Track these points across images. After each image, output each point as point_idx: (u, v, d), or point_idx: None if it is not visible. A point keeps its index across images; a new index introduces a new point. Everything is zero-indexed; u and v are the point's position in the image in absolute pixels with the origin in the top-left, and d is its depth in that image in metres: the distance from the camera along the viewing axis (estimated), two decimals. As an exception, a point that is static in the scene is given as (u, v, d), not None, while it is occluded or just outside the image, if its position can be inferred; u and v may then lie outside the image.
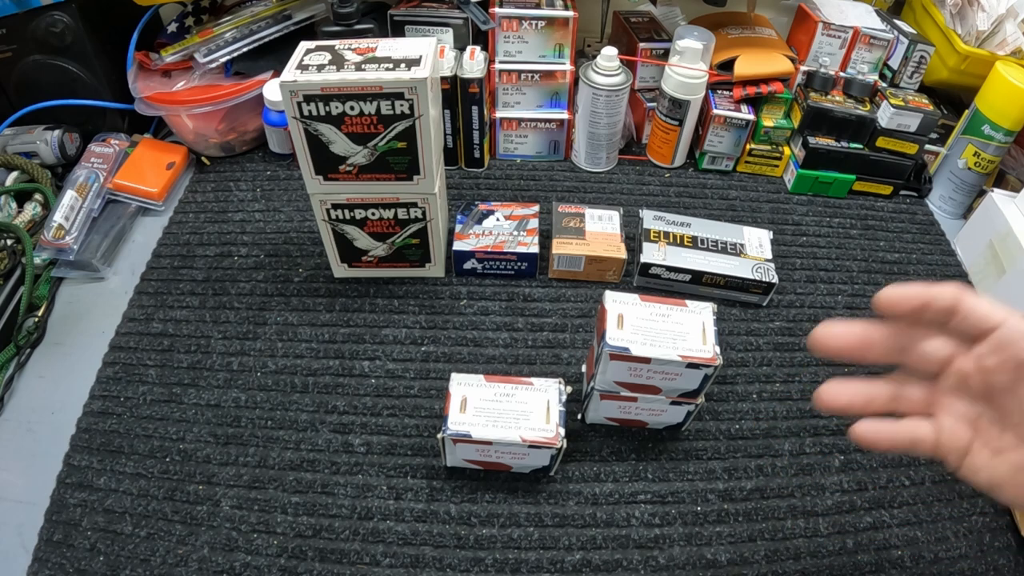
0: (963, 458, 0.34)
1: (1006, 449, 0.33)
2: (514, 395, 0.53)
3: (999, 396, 0.33)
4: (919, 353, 0.34)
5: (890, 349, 0.35)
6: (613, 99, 0.76)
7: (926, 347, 0.34)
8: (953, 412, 0.34)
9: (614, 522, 0.54)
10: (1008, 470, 0.33)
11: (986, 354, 0.32)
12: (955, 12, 0.79)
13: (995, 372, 0.32)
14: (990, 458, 0.33)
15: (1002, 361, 0.32)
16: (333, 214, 0.63)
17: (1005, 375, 0.32)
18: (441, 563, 0.51)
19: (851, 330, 0.35)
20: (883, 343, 0.35)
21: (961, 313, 0.32)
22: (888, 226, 0.80)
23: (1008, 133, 0.75)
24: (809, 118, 0.79)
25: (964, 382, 0.34)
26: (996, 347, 0.32)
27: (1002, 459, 0.33)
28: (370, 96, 0.54)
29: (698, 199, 0.82)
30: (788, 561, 0.52)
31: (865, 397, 0.35)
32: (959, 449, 0.34)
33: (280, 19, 0.79)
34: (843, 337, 0.35)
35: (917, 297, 0.33)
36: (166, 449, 0.57)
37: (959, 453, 0.34)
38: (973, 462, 0.34)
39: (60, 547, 0.51)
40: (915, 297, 0.33)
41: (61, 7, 0.72)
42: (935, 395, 0.35)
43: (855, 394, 0.35)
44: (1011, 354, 0.32)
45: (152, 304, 0.68)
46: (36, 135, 0.77)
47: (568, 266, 0.70)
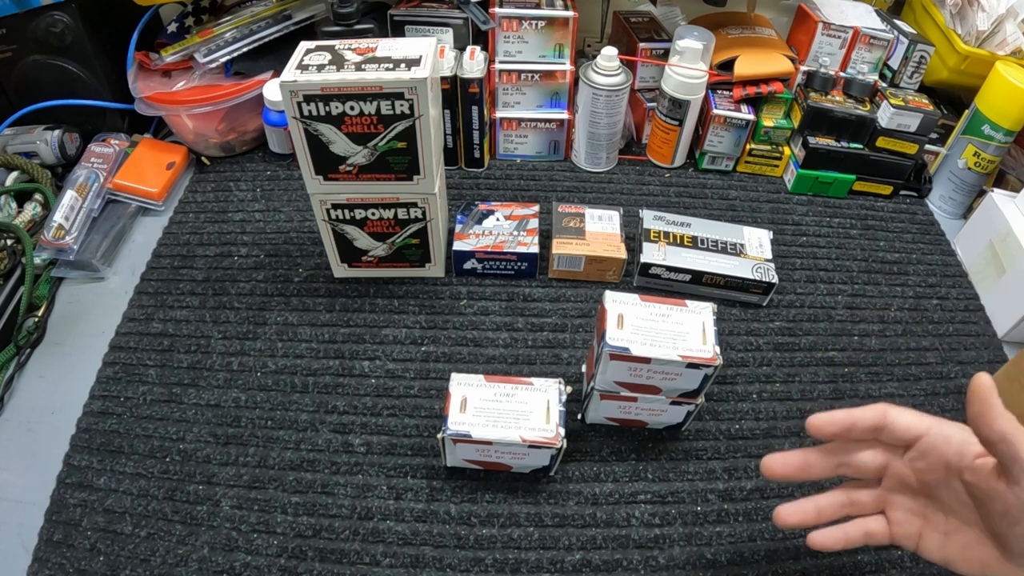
0: (917, 542, 0.39)
1: (952, 531, 0.38)
2: (514, 395, 0.53)
3: (936, 490, 0.38)
4: (856, 465, 0.40)
5: (830, 466, 0.40)
6: (613, 99, 0.76)
7: (862, 459, 0.39)
8: (901, 507, 0.39)
9: (614, 522, 0.54)
10: (958, 549, 0.37)
11: (916, 458, 0.38)
12: (955, 12, 0.79)
13: (927, 473, 0.37)
14: (941, 540, 0.38)
15: (930, 464, 0.37)
16: (333, 214, 0.63)
17: (936, 475, 0.37)
18: (441, 563, 0.51)
19: (791, 459, 0.40)
20: (822, 463, 0.40)
21: (887, 428, 0.37)
22: (888, 226, 0.80)
23: (1008, 133, 0.75)
24: (809, 118, 0.79)
25: (903, 483, 0.39)
26: (923, 453, 0.37)
27: (950, 540, 0.38)
28: (370, 96, 0.54)
29: (698, 199, 0.82)
30: (788, 561, 0.52)
31: (815, 511, 0.41)
32: (911, 536, 0.39)
33: (280, 19, 0.79)
34: (785, 465, 0.41)
35: (842, 420, 0.38)
36: (166, 449, 0.57)
37: (912, 539, 0.39)
38: (927, 545, 0.38)
39: (60, 547, 0.51)
40: (840, 420, 0.38)
41: (61, 7, 0.72)
42: (882, 496, 0.40)
43: (805, 511, 0.41)
44: (937, 457, 0.36)
45: (152, 304, 0.68)
46: (36, 135, 0.77)
47: (568, 266, 0.70)
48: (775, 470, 0.41)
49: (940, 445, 0.36)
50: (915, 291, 0.73)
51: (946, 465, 0.36)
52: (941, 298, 0.73)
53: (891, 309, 0.71)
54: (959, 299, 0.73)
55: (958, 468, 0.35)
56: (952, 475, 0.36)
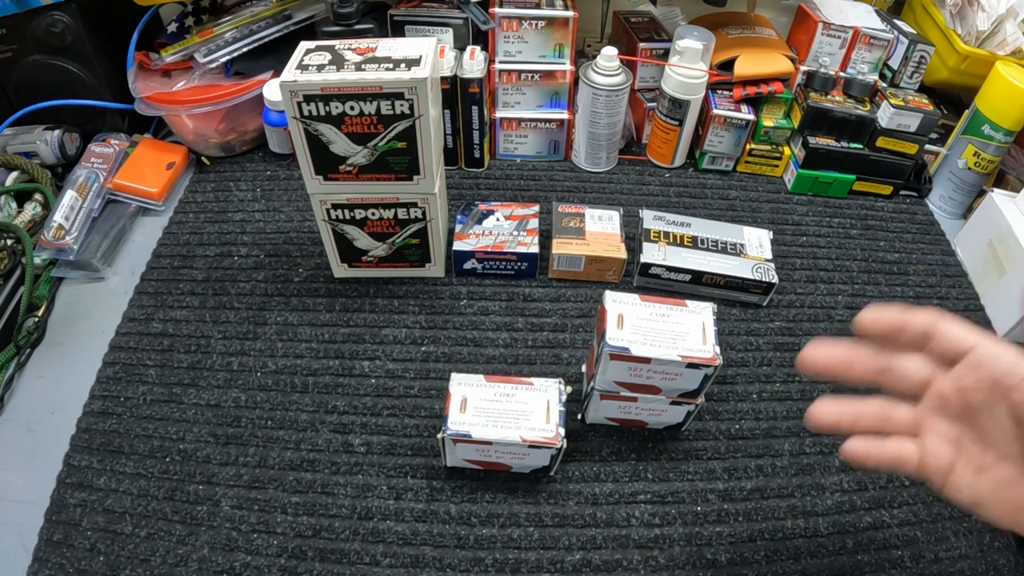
0: (946, 477, 0.36)
1: (987, 467, 0.35)
2: (514, 395, 0.53)
3: (977, 416, 0.35)
4: (899, 373, 0.37)
5: (872, 368, 0.37)
6: (613, 99, 0.76)
7: (906, 367, 0.37)
8: (936, 432, 0.36)
9: (614, 522, 0.54)
10: (990, 488, 0.34)
11: (962, 375, 0.35)
12: (955, 12, 0.79)
13: (972, 392, 0.34)
14: (972, 476, 0.35)
15: (978, 380, 0.34)
16: (333, 214, 0.63)
17: (981, 394, 0.34)
18: (441, 563, 0.51)
19: (835, 350, 0.37)
20: (865, 363, 0.37)
21: (937, 336, 0.35)
22: (888, 226, 0.80)
23: (1008, 133, 0.75)
24: (809, 118, 0.79)
25: (944, 403, 0.36)
26: (971, 367, 0.34)
27: (984, 477, 0.34)
28: (370, 96, 0.54)
29: (698, 199, 0.82)
30: (788, 561, 0.52)
31: (853, 415, 0.38)
32: (942, 468, 0.36)
33: (280, 19, 0.79)
34: (828, 356, 0.37)
35: (893, 320, 0.36)
36: (166, 449, 0.57)
37: (942, 472, 0.36)
38: (956, 481, 0.35)
39: (60, 547, 0.51)
40: (892, 320, 0.36)
41: (61, 7, 0.72)
42: (918, 417, 0.37)
43: (843, 412, 0.38)
44: (986, 373, 0.34)
45: (152, 304, 0.68)
46: (36, 135, 0.77)
47: (568, 266, 0.70)
48: (817, 360, 0.37)
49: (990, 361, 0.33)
50: (915, 291, 0.73)
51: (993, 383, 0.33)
52: (941, 298, 0.73)
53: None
54: (959, 299, 0.73)
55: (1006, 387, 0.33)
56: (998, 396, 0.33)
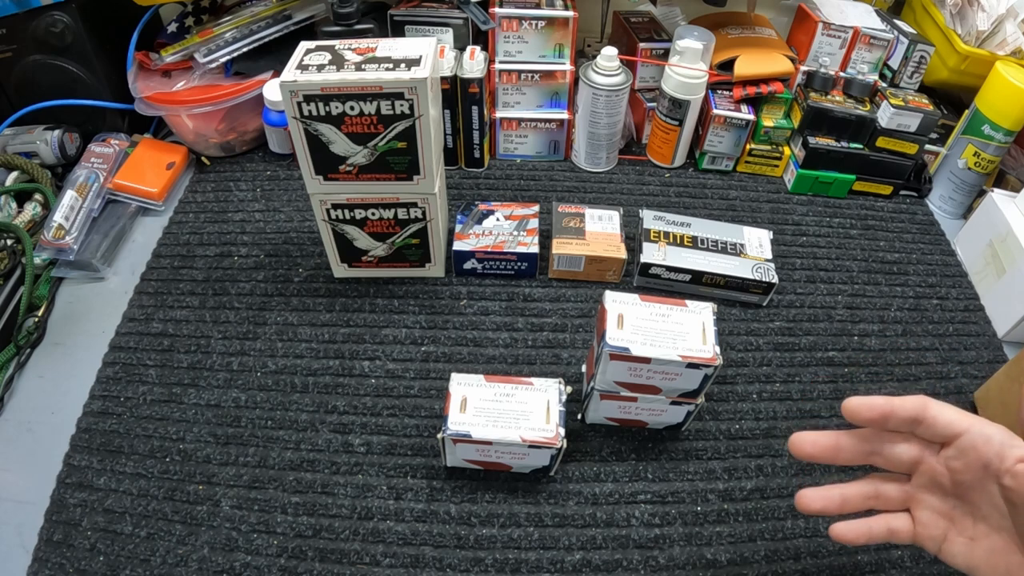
0: (941, 545, 0.37)
1: (980, 537, 0.36)
2: (514, 395, 0.53)
3: (969, 493, 0.36)
4: (888, 456, 0.38)
5: (860, 453, 0.38)
6: (613, 99, 0.76)
7: (895, 451, 0.38)
8: (928, 507, 0.38)
9: (614, 522, 0.54)
10: (983, 555, 0.36)
11: (952, 457, 0.36)
12: (955, 12, 0.79)
13: (963, 473, 0.35)
14: (967, 545, 0.36)
15: (968, 464, 0.35)
16: (333, 214, 0.63)
17: (972, 475, 0.35)
18: (441, 563, 0.51)
19: (822, 439, 0.38)
20: (853, 448, 0.38)
21: (926, 422, 0.36)
22: (888, 226, 0.80)
23: (1008, 133, 0.75)
24: (809, 118, 0.79)
25: (935, 481, 0.37)
26: (961, 452, 0.35)
27: (977, 545, 0.36)
28: (370, 96, 0.54)
29: (698, 199, 0.82)
30: (788, 561, 0.52)
31: (840, 500, 0.39)
32: (936, 538, 0.37)
33: (280, 19, 0.79)
34: (815, 444, 0.38)
35: (881, 407, 0.36)
36: (166, 449, 0.57)
37: (936, 542, 0.37)
38: (950, 549, 0.37)
39: (60, 547, 0.51)
40: (879, 407, 0.36)
41: (61, 7, 0.72)
42: (910, 492, 0.38)
43: (830, 498, 0.39)
44: (975, 457, 0.35)
45: (152, 304, 0.68)
46: (36, 135, 0.77)
47: (568, 266, 0.70)
48: (804, 448, 0.38)
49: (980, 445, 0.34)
50: (915, 291, 0.73)
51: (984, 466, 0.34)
52: (941, 298, 0.73)
53: (891, 309, 0.71)
54: (959, 299, 0.73)
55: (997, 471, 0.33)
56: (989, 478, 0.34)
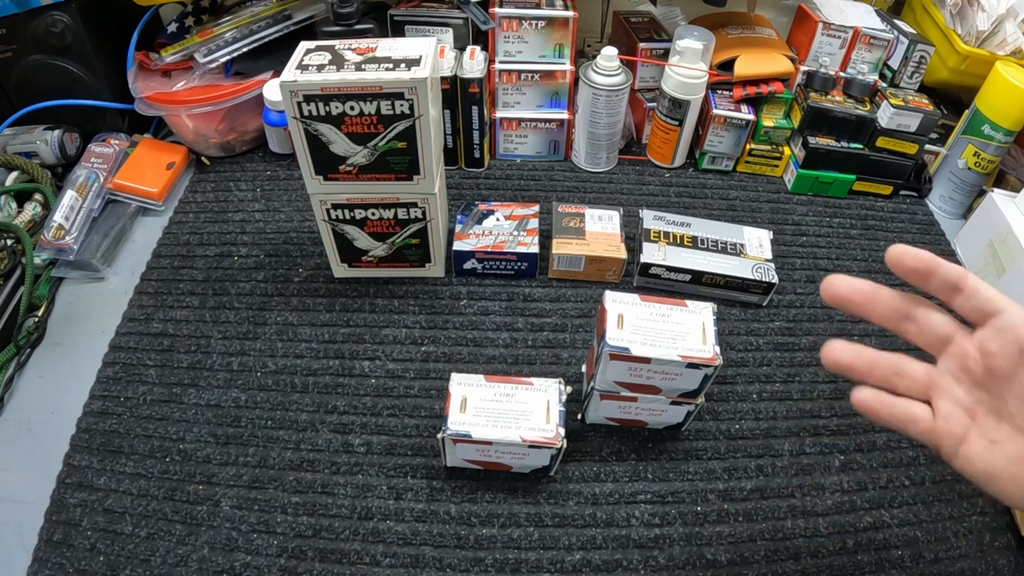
0: (958, 446, 0.34)
1: (1002, 440, 0.33)
2: (514, 395, 0.53)
3: (998, 383, 0.33)
4: (922, 322, 0.35)
5: (895, 311, 0.35)
6: (613, 99, 0.76)
7: (930, 318, 0.35)
8: (951, 398, 0.34)
9: (614, 522, 0.54)
10: (1004, 461, 0.32)
11: (987, 337, 0.33)
12: (955, 12, 0.79)
13: (996, 357, 0.32)
14: (986, 448, 0.33)
15: (1003, 345, 0.32)
16: (333, 214, 0.63)
17: (1005, 360, 0.32)
18: (441, 563, 0.51)
19: (859, 284, 0.36)
20: (889, 303, 0.35)
21: (966, 292, 0.33)
22: (888, 226, 0.80)
23: (1008, 133, 0.75)
24: (809, 118, 0.79)
25: (964, 366, 0.34)
26: (999, 331, 0.32)
27: (998, 449, 0.33)
28: (370, 96, 0.54)
29: (698, 199, 0.82)
30: (788, 561, 0.52)
31: (869, 361, 0.36)
32: (955, 435, 0.34)
33: (280, 19, 0.79)
34: (852, 287, 0.36)
35: (926, 259, 0.34)
36: (166, 449, 0.57)
37: (954, 440, 0.34)
38: (969, 451, 0.33)
39: (60, 547, 0.51)
40: (924, 258, 0.34)
41: (61, 7, 0.72)
42: (935, 377, 0.35)
43: (859, 355, 0.36)
44: (1012, 339, 0.32)
45: (152, 304, 0.68)
46: (36, 135, 0.77)
47: (568, 266, 0.70)
48: (841, 288, 0.36)
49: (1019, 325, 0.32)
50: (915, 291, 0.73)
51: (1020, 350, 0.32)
52: (941, 298, 0.73)
53: (891, 309, 0.71)
54: (959, 299, 0.73)
55: None
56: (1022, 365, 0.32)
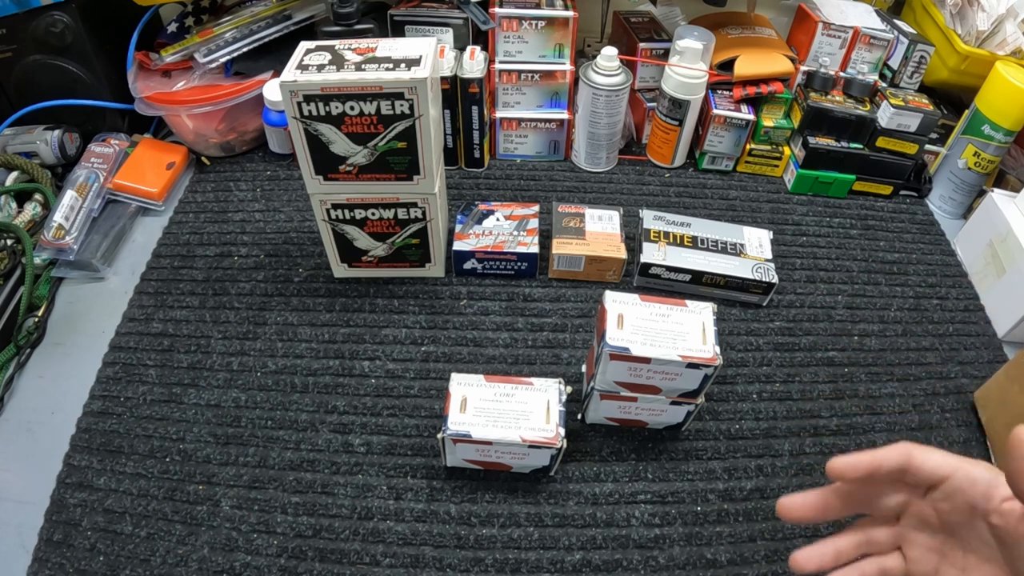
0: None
1: (971, 567, 0.36)
2: (514, 395, 0.53)
3: (958, 530, 0.36)
4: (876, 506, 0.39)
5: (849, 506, 0.39)
6: (613, 99, 0.76)
7: (882, 502, 0.39)
8: (918, 544, 0.38)
9: (614, 522, 0.54)
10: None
11: (940, 499, 0.36)
12: (955, 12, 0.79)
13: (950, 514, 0.36)
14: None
15: (955, 506, 0.36)
16: (333, 214, 0.63)
17: (960, 516, 0.36)
18: (441, 563, 0.51)
19: (809, 500, 0.39)
20: (841, 504, 0.39)
21: (911, 469, 0.36)
22: (888, 226, 0.80)
23: (1008, 133, 0.75)
24: (809, 118, 0.79)
25: (924, 521, 0.38)
26: (948, 496, 0.36)
27: None
28: (370, 96, 0.54)
29: (698, 199, 0.82)
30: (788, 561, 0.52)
31: (833, 554, 0.39)
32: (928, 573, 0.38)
33: (280, 19, 0.79)
34: (804, 507, 0.39)
35: (867, 464, 0.37)
36: (166, 449, 0.57)
37: None
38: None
39: (60, 547, 0.51)
40: (864, 464, 0.37)
41: (61, 7, 0.72)
42: (900, 533, 0.39)
43: (824, 554, 0.39)
44: (963, 500, 0.35)
45: (152, 304, 0.68)
46: (36, 135, 0.77)
47: (568, 266, 0.70)
48: (794, 512, 0.40)
49: (967, 488, 0.35)
50: (915, 291, 0.73)
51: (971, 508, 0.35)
52: (941, 298, 0.73)
53: (891, 309, 0.71)
54: (959, 299, 0.73)
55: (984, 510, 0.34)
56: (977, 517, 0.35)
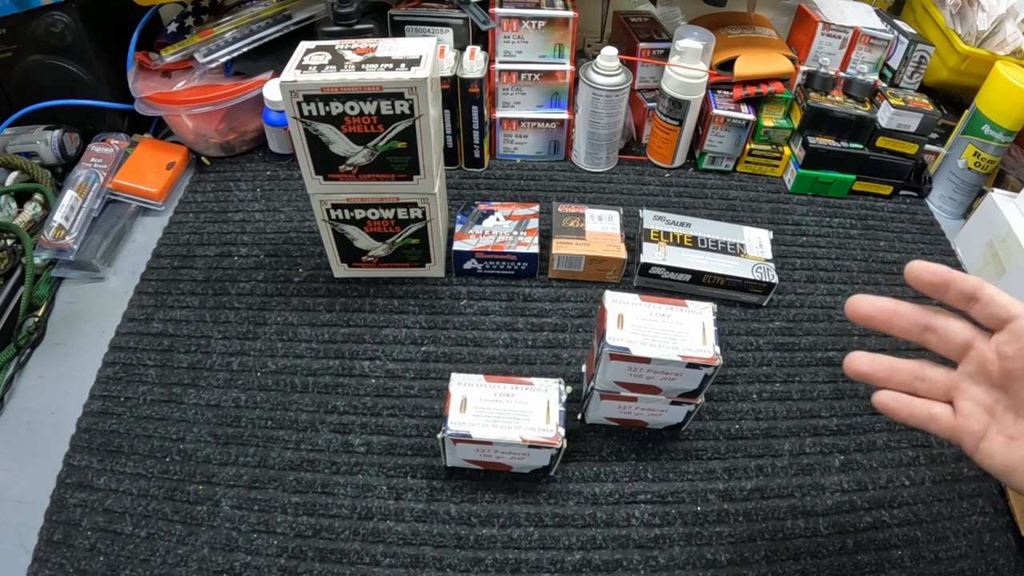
0: (979, 442, 0.36)
1: (1020, 436, 0.35)
2: (514, 395, 0.53)
3: (1015, 384, 0.35)
4: (942, 331, 0.37)
5: (916, 322, 0.38)
6: (613, 99, 0.76)
7: (948, 327, 0.37)
8: (971, 397, 0.36)
9: (614, 522, 0.54)
10: (1022, 456, 0.34)
11: (1004, 341, 0.35)
12: (955, 12, 0.79)
13: (1012, 359, 0.34)
14: (1005, 444, 0.35)
15: (1019, 348, 0.34)
16: (333, 214, 0.63)
17: (1022, 362, 0.34)
18: (441, 563, 0.51)
19: (881, 302, 0.38)
20: (909, 316, 0.38)
21: (982, 300, 0.35)
22: (888, 226, 0.80)
23: (1008, 133, 0.75)
24: (809, 118, 0.79)
25: (983, 369, 0.36)
26: (1015, 335, 0.34)
27: (1017, 445, 0.35)
28: (370, 96, 0.54)
29: (698, 199, 0.82)
30: (788, 561, 0.52)
31: (888, 367, 0.38)
32: (975, 433, 0.36)
33: (280, 19, 0.79)
34: (874, 305, 0.38)
35: (942, 273, 0.36)
36: (166, 449, 0.57)
37: (975, 437, 0.36)
38: (988, 447, 0.35)
39: (60, 547, 0.51)
40: (940, 272, 0.36)
41: (61, 7, 0.72)
42: (955, 380, 0.37)
43: (878, 363, 0.38)
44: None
45: (152, 304, 0.68)
46: (36, 135, 0.77)
47: (568, 266, 0.70)
48: (862, 308, 0.38)
49: None
50: (915, 291, 0.73)
51: None
52: (941, 298, 0.73)
53: (891, 309, 0.71)
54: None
55: None
56: None
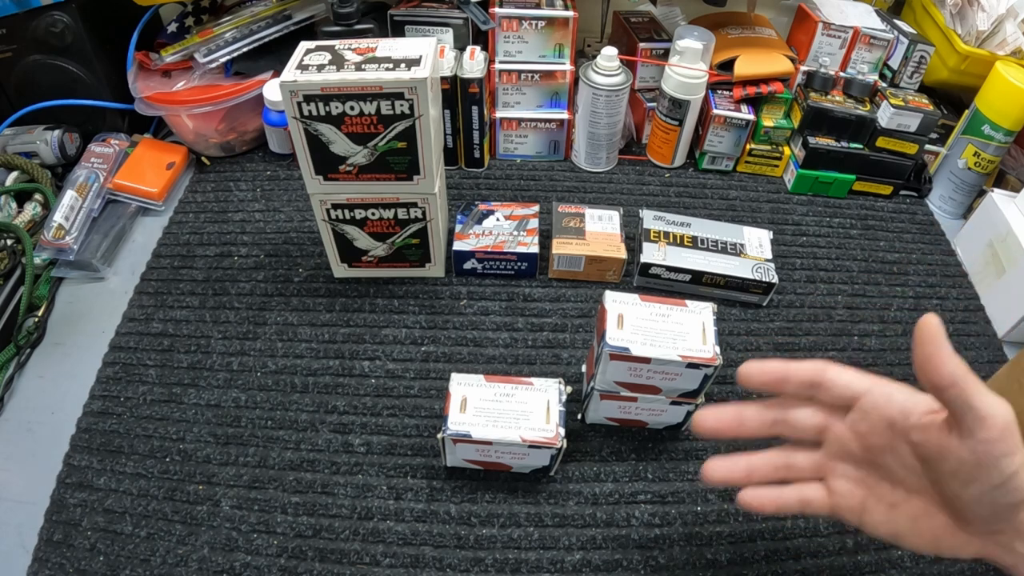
0: (860, 516, 0.36)
1: (899, 502, 0.35)
2: (514, 395, 0.53)
3: (880, 457, 0.35)
4: (793, 423, 0.37)
5: (764, 422, 0.37)
6: (613, 99, 0.76)
7: (798, 417, 0.36)
8: (842, 475, 0.36)
9: (614, 522, 0.54)
10: (906, 521, 0.34)
11: (858, 420, 0.34)
12: (955, 12, 0.79)
13: (871, 435, 0.34)
14: (887, 512, 0.35)
15: (873, 425, 0.34)
16: (333, 214, 0.63)
17: (879, 437, 0.34)
18: (441, 563, 0.51)
19: (724, 412, 0.37)
20: (757, 418, 0.37)
21: (825, 385, 0.35)
22: (888, 226, 0.80)
23: (1008, 133, 0.75)
24: (809, 118, 0.79)
25: (844, 449, 0.36)
26: (864, 414, 0.34)
27: (898, 512, 0.35)
28: (370, 96, 0.54)
29: (698, 199, 0.82)
30: (788, 561, 0.52)
31: (745, 468, 0.38)
32: (854, 509, 0.36)
33: (280, 19, 0.79)
34: (718, 418, 0.37)
35: (776, 371, 0.35)
36: (166, 449, 0.57)
37: (855, 512, 0.36)
38: (871, 519, 0.35)
39: (60, 547, 0.51)
40: (773, 371, 0.35)
41: (61, 7, 0.72)
42: (822, 462, 0.37)
43: (734, 467, 0.37)
44: (879, 417, 0.33)
45: (152, 304, 0.68)
46: (36, 135, 0.77)
47: (568, 266, 0.70)
48: (706, 424, 0.37)
49: (882, 404, 0.33)
50: (915, 291, 0.73)
51: (890, 425, 0.33)
52: (941, 298, 0.73)
53: (891, 309, 0.71)
54: (959, 299, 0.73)
55: (903, 428, 0.32)
56: (897, 437, 0.33)
